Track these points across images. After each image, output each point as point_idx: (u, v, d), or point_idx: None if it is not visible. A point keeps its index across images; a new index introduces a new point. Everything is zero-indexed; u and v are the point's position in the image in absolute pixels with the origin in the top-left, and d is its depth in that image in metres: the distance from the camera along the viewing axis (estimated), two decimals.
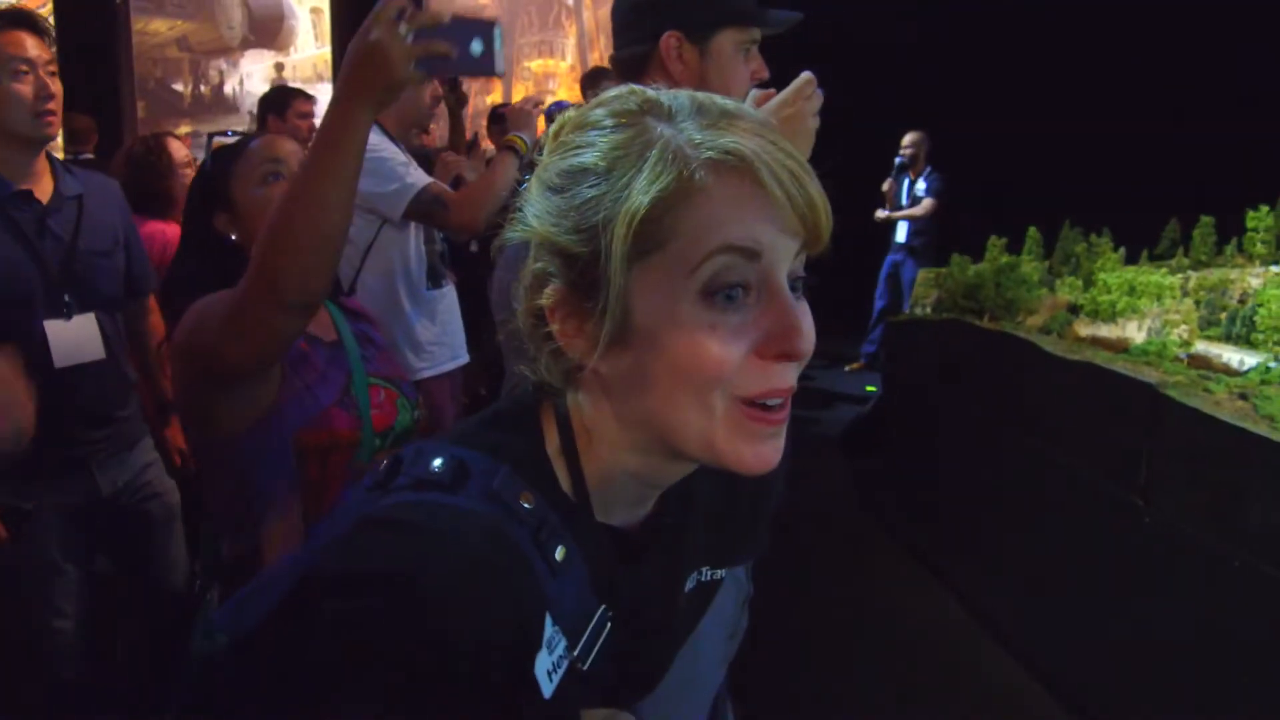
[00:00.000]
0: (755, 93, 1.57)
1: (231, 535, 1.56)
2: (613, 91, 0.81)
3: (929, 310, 4.65)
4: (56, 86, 2.20)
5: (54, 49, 2.25)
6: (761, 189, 0.72)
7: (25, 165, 2.19)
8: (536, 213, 0.80)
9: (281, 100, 3.85)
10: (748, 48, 1.77)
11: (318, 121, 3.95)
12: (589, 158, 0.76)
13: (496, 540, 0.73)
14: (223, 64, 10.41)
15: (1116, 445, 2.79)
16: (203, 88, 11.19)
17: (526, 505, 0.77)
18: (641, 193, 0.72)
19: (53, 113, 2.19)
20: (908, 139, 6.86)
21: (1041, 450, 3.23)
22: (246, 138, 1.76)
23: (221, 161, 1.69)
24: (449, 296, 3.06)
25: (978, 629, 3.44)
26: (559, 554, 0.78)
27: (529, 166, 2.95)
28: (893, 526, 4.35)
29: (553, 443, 0.84)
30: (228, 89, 10.45)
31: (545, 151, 0.83)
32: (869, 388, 6.52)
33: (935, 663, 3.24)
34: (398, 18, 1.25)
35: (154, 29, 11.29)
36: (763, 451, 0.76)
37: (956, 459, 3.90)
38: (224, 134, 1.96)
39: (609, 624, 0.84)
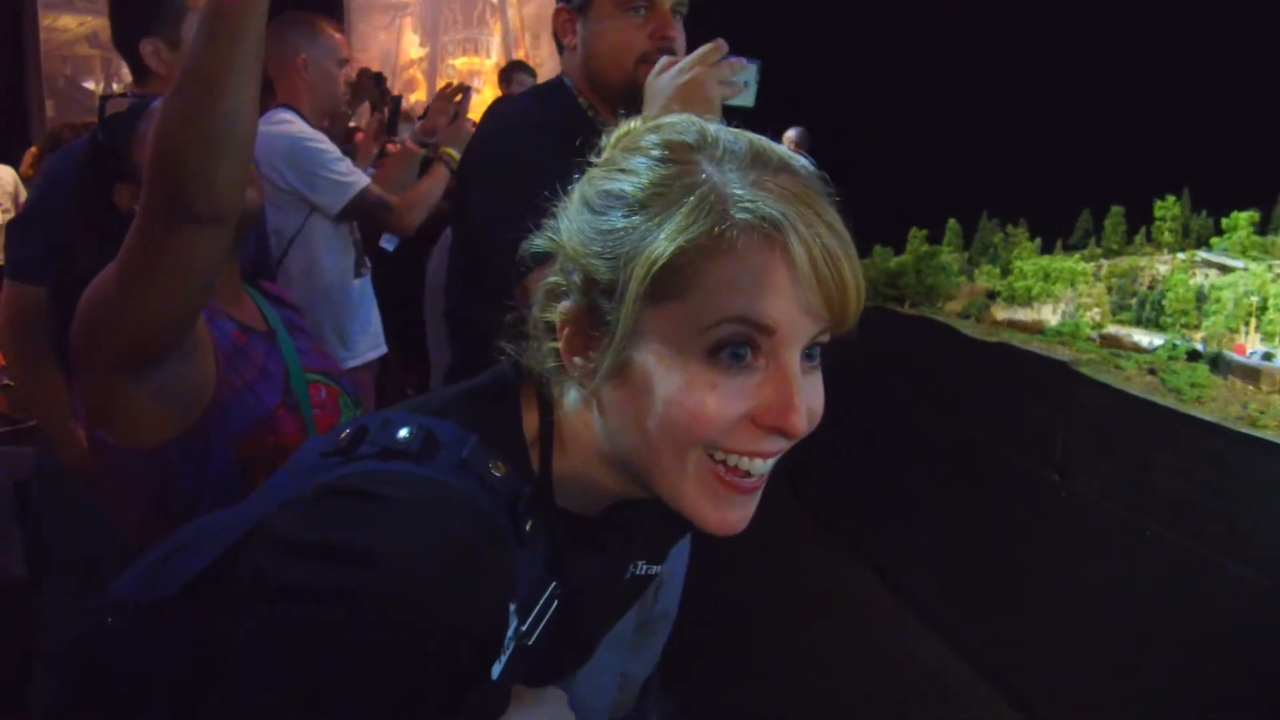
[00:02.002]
0: (662, 59, 1.55)
1: None
2: (675, 117, 0.79)
3: None
4: None
5: None
6: (788, 260, 0.69)
7: None
8: (569, 226, 0.78)
9: None
10: (640, 8, 1.69)
11: None
12: (629, 185, 0.74)
13: (475, 516, 0.71)
14: None
15: (1032, 422, 2.85)
16: (115, 86, 10.86)
17: (497, 474, 0.75)
18: (668, 239, 0.70)
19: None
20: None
21: (961, 429, 3.29)
22: (146, 98, 1.53)
23: (119, 126, 1.46)
24: (368, 286, 3.02)
25: (902, 607, 3.49)
26: (528, 525, 0.77)
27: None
28: (819, 510, 4.39)
29: (530, 426, 0.82)
30: None
31: (601, 157, 0.81)
32: None
33: (862, 642, 3.28)
34: None
35: (63, 25, 10.93)
36: (729, 517, 0.76)
37: (880, 441, 3.95)
38: (122, 95, 1.67)
39: (555, 602, 0.83)
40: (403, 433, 0.75)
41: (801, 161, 0.76)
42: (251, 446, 1.32)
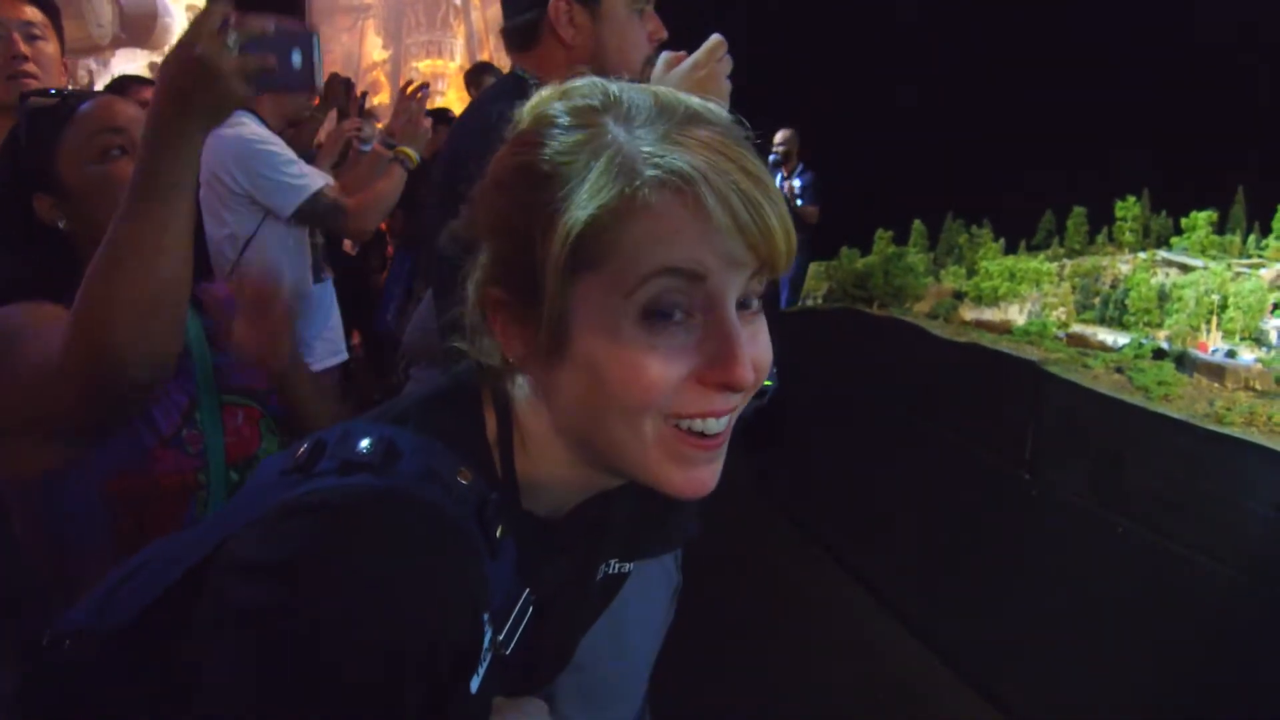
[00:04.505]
0: (666, 55, 1.54)
1: (54, 594, 1.29)
2: (578, 81, 0.76)
3: (821, 301, 4.74)
4: (30, 50, 2.06)
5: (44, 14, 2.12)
6: (707, 214, 0.67)
7: None
8: (485, 207, 0.76)
9: (121, 90, 3.62)
10: (642, 8, 1.70)
11: None
12: (536, 157, 0.71)
13: (443, 526, 0.69)
14: (92, 64, 9.87)
15: (1003, 421, 2.87)
16: (70, 89, 10.64)
17: (464, 481, 0.73)
18: (580, 206, 0.68)
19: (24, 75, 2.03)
20: (779, 137, 6.93)
21: (932, 429, 3.31)
22: (73, 98, 1.38)
23: (42, 129, 1.33)
24: (329, 291, 2.97)
25: (876, 607, 3.50)
26: (498, 533, 0.74)
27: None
28: (794, 514, 4.40)
29: (491, 428, 0.80)
30: (98, 89, 9.91)
31: (508, 133, 0.78)
32: (765, 381, 6.57)
33: (836, 642, 3.28)
34: (222, 28, 1.09)
35: None
36: (695, 476, 0.74)
37: (852, 443, 3.97)
38: (44, 92, 1.44)
39: (530, 609, 0.81)
40: (363, 444, 0.72)
41: (713, 109, 0.74)
42: (119, 486, 1.26)
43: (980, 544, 2.98)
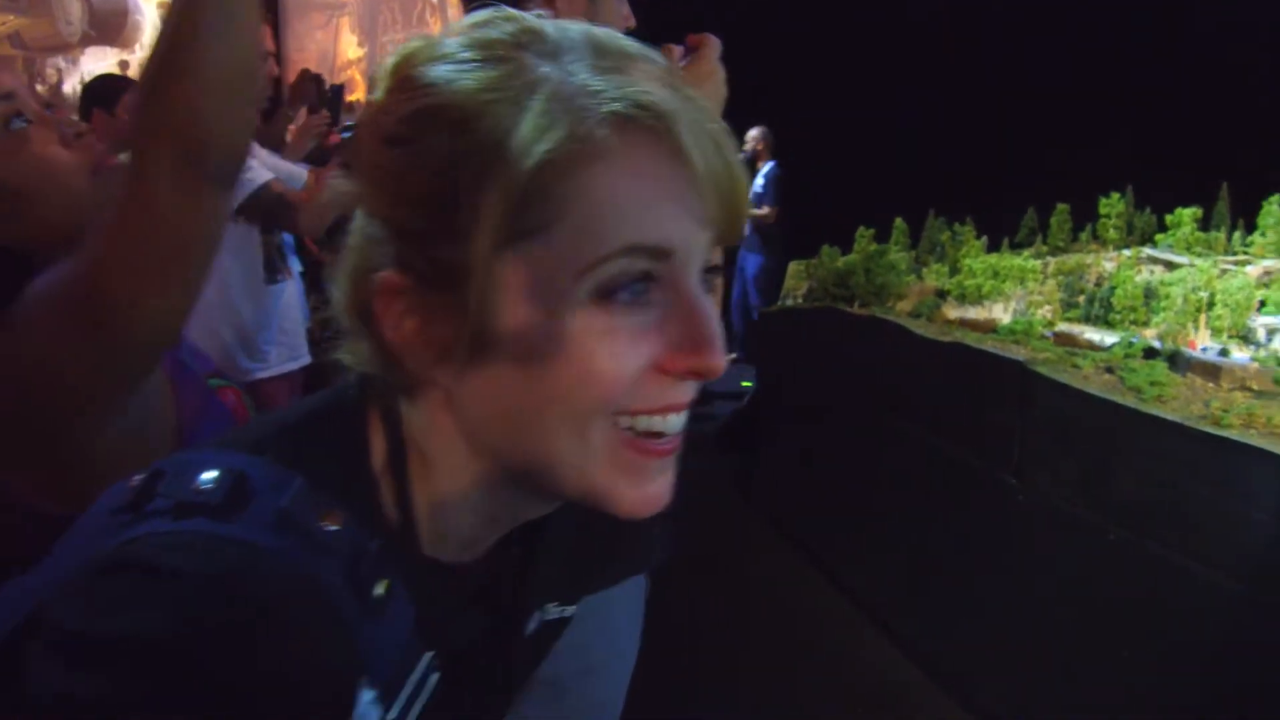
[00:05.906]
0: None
1: None
2: (475, 16, 0.61)
3: (801, 300, 4.66)
4: None
5: None
6: (678, 160, 0.56)
7: None
8: (367, 172, 0.61)
9: (109, 91, 3.45)
10: None
11: None
12: (446, 97, 0.57)
13: (298, 593, 0.55)
14: (61, 62, 9.74)
15: (989, 424, 2.80)
16: (39, 88, 10.48)
17: (331, 528, 0.58)
18: (522, 152, 0.54)
19: None
20: (751, 134, 6.93)
21: (915, 432, 3.23)
22: None
23: None
24: (287, 292, 2.81)
25: (859, 616, 3.42)
26: (378, 589, 0.60)
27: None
28: (774, 518, 4.32)
29: (379, 456, 0.65)
30: (67, 88, 9.77)
31: (380, 91, 0.62)
32: (744, 383, 6.50)
33: (819, 652, 3.21)
34: None
35: None
36: (649, 492, 0.62)
37: (833, 445, 3.89)
38: None
39: (435, 675, 0.67)
40: (205, 478, 0.57)
41: (648, 51, 0.61)
42: None
43: (965, 549, 2.91)
